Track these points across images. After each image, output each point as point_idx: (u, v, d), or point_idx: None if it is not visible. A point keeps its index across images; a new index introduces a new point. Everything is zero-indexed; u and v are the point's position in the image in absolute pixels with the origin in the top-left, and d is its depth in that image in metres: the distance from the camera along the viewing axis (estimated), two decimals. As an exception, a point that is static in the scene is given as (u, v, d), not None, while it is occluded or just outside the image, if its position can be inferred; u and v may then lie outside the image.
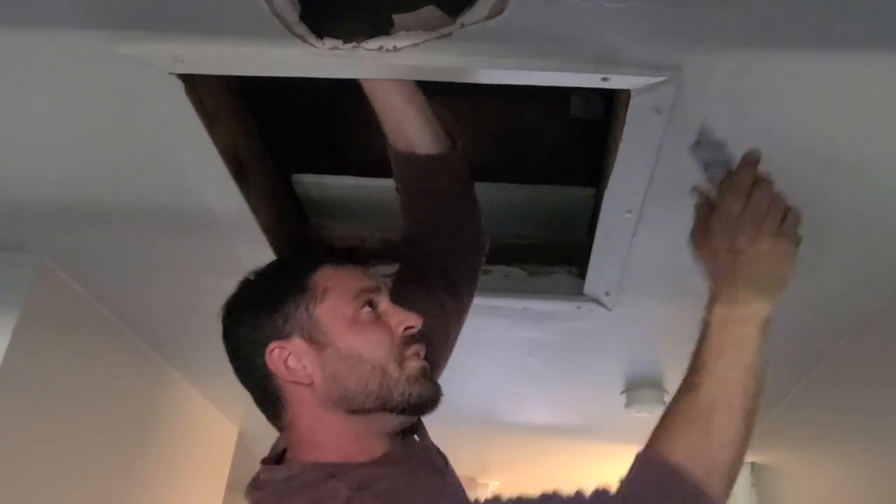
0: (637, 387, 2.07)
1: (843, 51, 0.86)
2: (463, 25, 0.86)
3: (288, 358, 0.84)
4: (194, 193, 1.24)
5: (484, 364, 2.00)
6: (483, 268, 1.50)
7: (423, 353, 0.90)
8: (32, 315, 1.50)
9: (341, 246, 1.03)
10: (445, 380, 1.01)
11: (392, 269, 1.29)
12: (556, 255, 1.54)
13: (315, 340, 0.85)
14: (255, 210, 1.31)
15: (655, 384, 2.06)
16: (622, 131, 1.00)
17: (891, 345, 1.52)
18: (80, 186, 1.25)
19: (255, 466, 0.88)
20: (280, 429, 0.89)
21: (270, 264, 0.97)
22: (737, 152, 1.05)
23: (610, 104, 1.20)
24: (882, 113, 0.98)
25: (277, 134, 1.36)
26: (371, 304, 0.89)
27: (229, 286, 1.54)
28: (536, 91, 1.02)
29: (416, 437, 0.93)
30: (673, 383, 2.05)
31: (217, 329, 0.95)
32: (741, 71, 0.90)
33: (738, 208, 0.85)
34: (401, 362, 0.86)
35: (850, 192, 1.17)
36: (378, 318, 0.88)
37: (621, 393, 2.12)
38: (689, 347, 1.85)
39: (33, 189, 1.27)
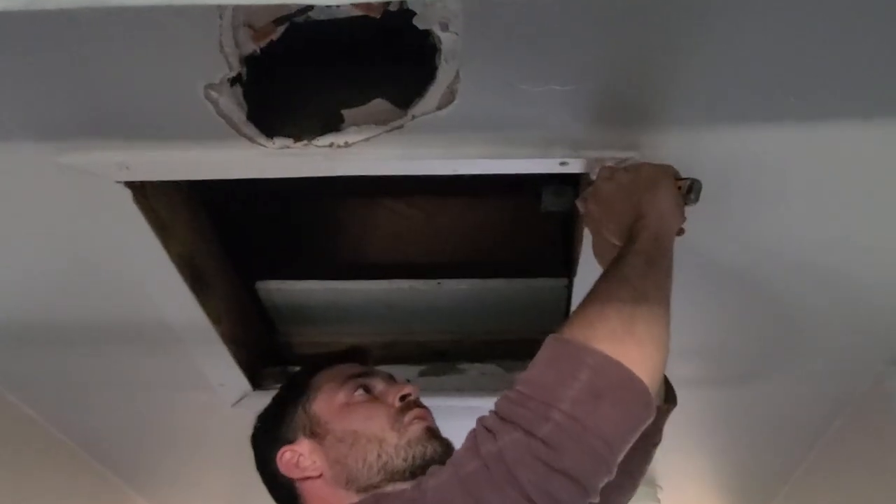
0: (630, 485, 1.98)
1: (796, 124, 0.85)
2: (414, 117, 0.84)
3: (299, 459, 0.88)
4: (150, 306, 1.19)
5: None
6: (457, 367, 1.46)
7: (428, 417, 0.90)
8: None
9: (343, 347, 1.06)
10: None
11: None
12: (533, 350, 1.49)
13: (316, 434, 0.89)
14: (216, 321, 1.25)
15: (648, 481, 1.97)
16: (586, 216, 0.98)
17: (880, 424, 1.49)
18: (26, 304, 1.19)
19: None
20: None
21: (282, 385, 1.01)
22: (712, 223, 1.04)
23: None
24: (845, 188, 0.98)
25: (239, 240, 1.32)
26: (366, 387, 0.92)
27: (192, 401, 1.48)
28: (508, 186, 1.00)
29: None
30: (666, 477, 1.98)
31: (182, 449, 0.97)
32: (697, 147, 0.89)
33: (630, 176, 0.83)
34: (399, 429, 0.87)
35: (816, 279, 1.17)
36: (374, 398, 0.91)
37: (614, 492, 2.02)
38: (680, 439, 1.76)
39: (-23, 309, 1.21)
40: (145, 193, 1.00)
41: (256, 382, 1.43)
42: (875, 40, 0.76)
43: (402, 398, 0.90)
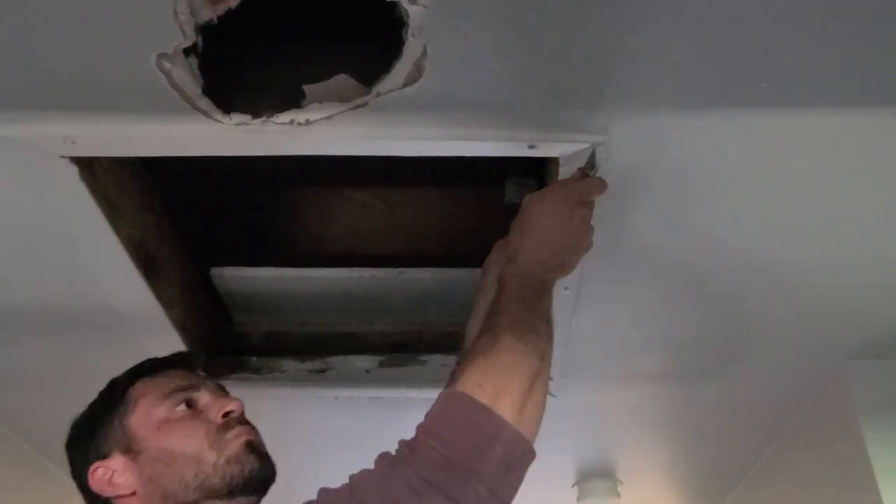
0: (589, 478, 1.98)
1: (770, 108, 0.84)
2: (378, 94, 0.81)
3: (112, 476, 0.85)
4: (97, 291, 1.14)
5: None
6: (418, 358, 1.44)
7: (252, 433, 0.89)
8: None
9: (173, 353, 1.03)
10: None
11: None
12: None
13: (131, 450, 0.86)
14: (168, 307, 1.21)
15: (608, 475, 1.98)
16: (553, 203, 0.95)
17: (838, 419, 1.51)
18: (-36, 288, 1.13)
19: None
20: None
21: (101, 391, 0.96)
22: (673, 218, 1.03)
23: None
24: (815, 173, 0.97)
25: (193, 224, 1.27)
26: (189, 401, 0.90)
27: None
28: (472, 177, 0.98)
29: None
30: (626, 472, 1.98)
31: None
32: (669, 131, 0.88)
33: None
34: (219, 447, 0.85)
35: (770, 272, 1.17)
36: (196, 414, 0.89)
37: (573, 486, 2.02)
38: (641, 434, 1.76)
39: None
40: (93, 171, 0.95)
41: (209, 373, 1.38)
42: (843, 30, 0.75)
43: (226, 414, 0.88)
